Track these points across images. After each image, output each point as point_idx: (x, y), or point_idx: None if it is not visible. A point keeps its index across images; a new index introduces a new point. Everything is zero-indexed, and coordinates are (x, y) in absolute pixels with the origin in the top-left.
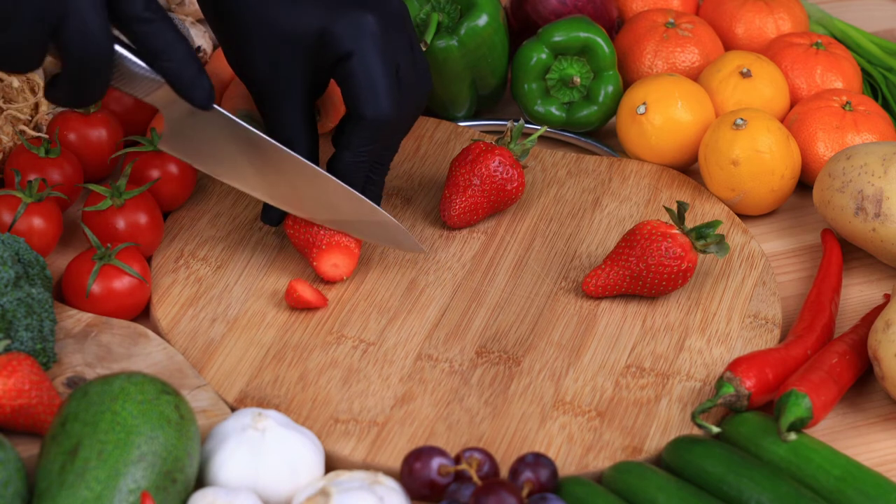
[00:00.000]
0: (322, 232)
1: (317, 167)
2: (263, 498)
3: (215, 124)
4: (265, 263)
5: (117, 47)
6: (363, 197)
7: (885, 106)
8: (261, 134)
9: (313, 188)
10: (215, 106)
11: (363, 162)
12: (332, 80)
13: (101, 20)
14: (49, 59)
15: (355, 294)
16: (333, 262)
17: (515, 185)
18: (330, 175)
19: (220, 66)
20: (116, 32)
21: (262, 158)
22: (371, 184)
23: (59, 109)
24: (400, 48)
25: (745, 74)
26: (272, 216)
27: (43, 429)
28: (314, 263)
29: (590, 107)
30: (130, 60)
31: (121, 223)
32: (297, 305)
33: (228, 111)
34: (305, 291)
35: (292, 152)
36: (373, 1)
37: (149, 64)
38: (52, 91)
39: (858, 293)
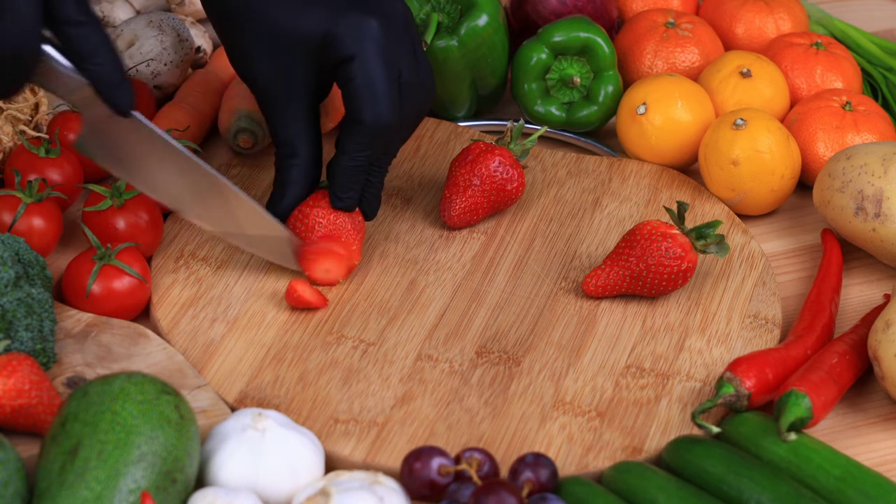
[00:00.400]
0: (318, 227)
1: (229, 183)
2: (263, 498)
3: (133, 131)
4: (265, 263)
5: (44, 46)
6: (267, 213)
7: (885, 106)
8: (176, 144)
9: (222, 202)
10: (134, 113)
11: (360, 166)
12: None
13: (33, 18)
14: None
15: (355, 294)
16: (325, 269)
17: (515, 185)
18: (241, 192)
19: (220, 66)
20: (46, 32)
21: (175, 168)
22: (369, 186)
23: (60, 109)
24: (402, 53)
25: (745, 74)
26: (276, 211)
27: (43, 429)
28: (307, 273)
29: (590, 107)
30: (56, 60)
31: (121, 223)
32: (297, 305)
33: (228, 111)
34: (305, 291)
35: (206, 165)
36: (376, 4)
37: (75, 65)
38: None
39: (858, 293)
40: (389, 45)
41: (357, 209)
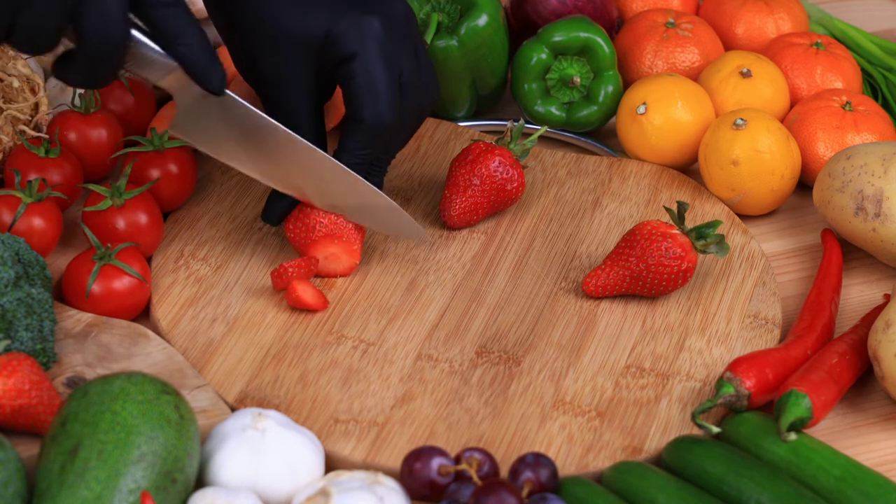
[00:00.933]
0: (319, 227)
1: (324, 153)
2: (263, 498)
3: (226, 109)
4: (265, 263)
5: (133, 31)
6: (368, 183)
7: (885, 106)
8: (270, 119)
9: (321, 173)
10: (227, 91)
11: (359, 164)
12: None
13: (119, 3)
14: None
15: (355, 294)
16: (331, 251)
17: (515, 185)
18: (337, 161)
19: None
20: (132, 16)
21: (271, 143)
22: (371, 178)
23: (60, 109)
24: (404, 53)
25: (745, 74)
26: (272, 215)
27: (43, 429)
28: (310, 254)
29: (590, 107)
30: (145, 44)
31: (121, 223)
32: (296, 306)
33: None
34: (305, 292)
35: (300, 137)
36: (377, 4)
37: (164, 48)
38: (64, 70)
39: (858, 293)
40: (390, 45)
41: None
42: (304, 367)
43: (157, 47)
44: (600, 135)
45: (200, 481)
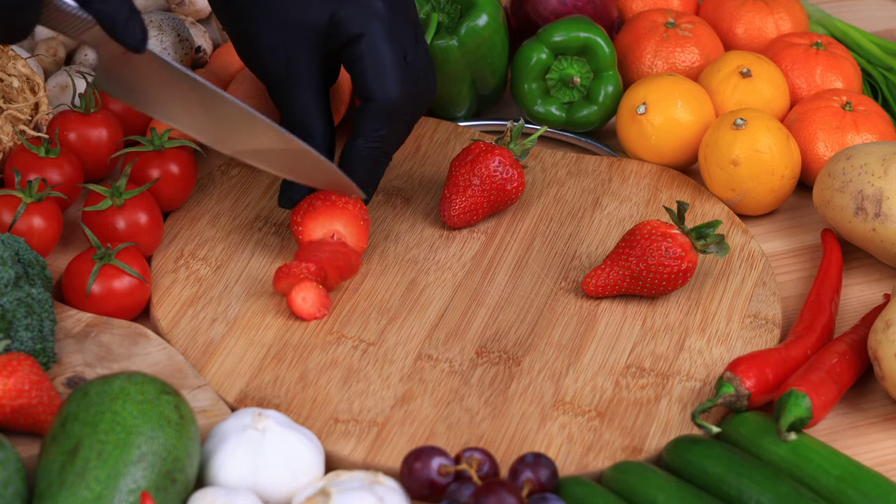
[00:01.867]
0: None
1: (245, 105)
2: (263, 498)
3: (148, 65)
4: (265, 263)
5: None
6: (290, 135)
7: (885, 106)
8: (191, 73)
9: (243, 126)
10: (149, 47)
11: (377, 147)
12: (340, 77)
13: None
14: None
15: (355, 294)
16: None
17: (515, 185)
18: (258, 114)
19: (220, 65)
20: None
21: (192, 97)
22: (374, 170)
23: (60, 109)
24: (406, 35)
25: (745, 74)
26: (288, 199)
27: (43, 429)
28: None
29: (590, 107)
30: (64, 1)
31: (121, 223)
32: (296, 314)
33: None
34: (304, 304)
35: (223, 92)
36: None
37: (82, 5)
38: None
39: (858, 293)
40: (394, 26)
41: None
42: (304, 367)
43: (72, 3)
44: (600, 135)
45: (200, 481)
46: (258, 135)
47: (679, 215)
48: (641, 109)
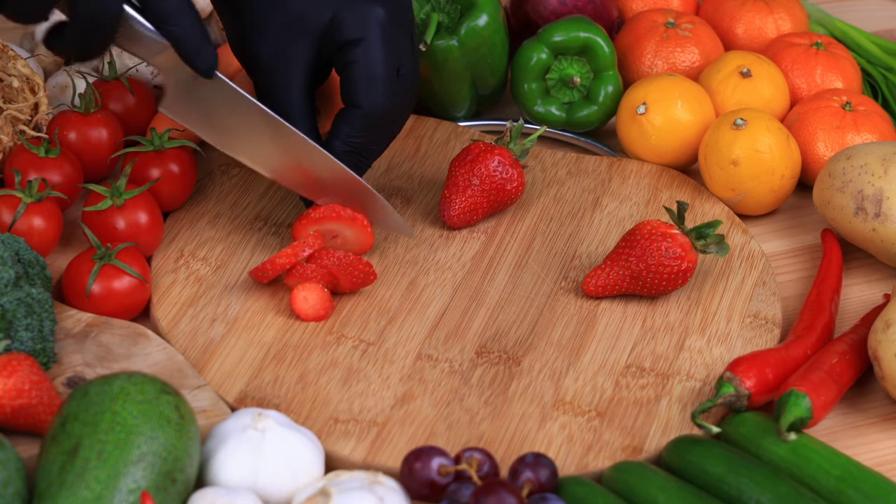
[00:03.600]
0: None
1: (314, 143)
2: (263, 498)
3: (217, 92)
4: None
5: (126, 7)
6: (352, 172)
7: (885, 106)
8: (260, 104)
9: (310, 163)
10: (218, 74)
11: (351, 152)
12: (330, 83)
13: None
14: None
15: (355, 294)
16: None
17: (515, 185)
18: (326, 151)
19: (220, 65)
20: None
21: (260, 128)
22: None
23: (60, 109)
24: (403, 45)
25: (745, 74)
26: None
27: (43, 429)
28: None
29: (590, 107)
30: (137, 21)
31: (121, 223)
32: (297, 314)
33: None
34: (304, 304)
35: (291, 126)
36: None
37: (156, 27)
38: (55, 41)
39: (858, 293)
40: (393, 35)
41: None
42: (304, 367)
43: (149, 25)
44: (600, 135)
45: (200, 481)
46: (321, 168)
47: (679, 215)
48: (641, 109)
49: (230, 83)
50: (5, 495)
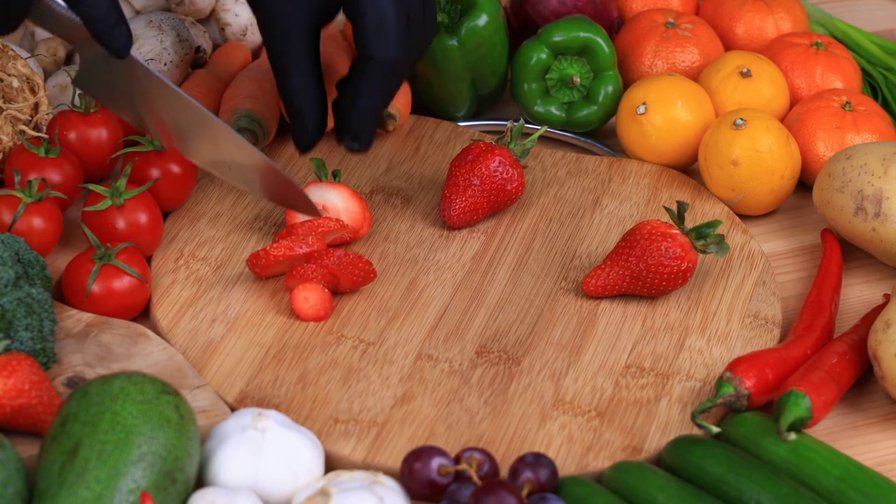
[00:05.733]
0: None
1: (217, 118)
2: (263, 498)
3: (129, 70)
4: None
5: None
6: (268, 159)
7: (885, 106)
8: (170, 83)
9: (212, 137)
10: (133, 54)
11: (378, 106)
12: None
13: None
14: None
15: (355, 294)
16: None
17: (515, 185)
18: (226, 125)
19: (220, 66)
20: None
21: (169, 106)
22: (374, 127)
23: (60, 109)
24: None
25: (745, 74)
26: (302, 142)
27: (43, 429)
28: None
29: (590, 107)
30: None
31: (121, 223)
32: (297, 314)
33: (228, 111)
34: (304, 304)
35: (198, 103)
36: None
37: (70, 6)
38: None
39: (858, 293)
40: None
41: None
42: (304, 367)
43: (62, 2)
44: (600, 135)
45: (200, 481)
46: (230, 149)
47: (679, 215)
48: (641, 109)
49: (143, 63)
50: (5, 495)
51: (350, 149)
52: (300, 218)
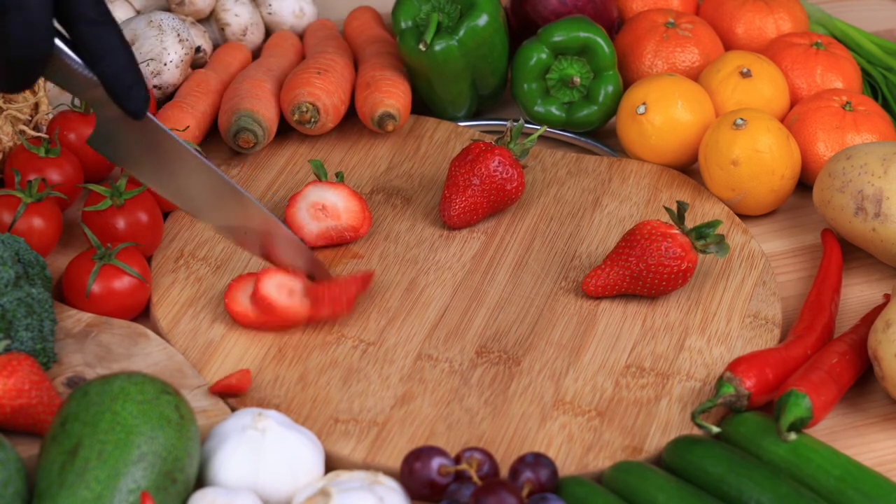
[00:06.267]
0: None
1: (238, 187)
2: (263, 498)
3: (146, 133)
4: (265, 263)
5: (58, 42)
6: (272, 215)
7: (885, 106)
8: (189, 147)
9: (232, 205)
10: (149, 115)
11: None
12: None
13: (45, 14)
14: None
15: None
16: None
17: (515, 185)
18: (248, 194)
19: (220, 66)
20: (60, 28)
21: (187, 171)
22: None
23: (60, 109)
24: None
25: (745, 74)
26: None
27: (43, 429)
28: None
29: (590, 107)
30: (69, 56)
31: (121, 223)
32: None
33: (228, 111)
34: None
35: (217, 169)
36: None
37: (88, 66)
38: None
39: (858, 293)
40: None
41: None
42: (304, 366)
43: (80, 62)
44: (600, 135)
45: (200, 481)
46: (245, 214)
47: (679, 215)
48: (641, 109)
49: (160, 124)
50: (5, 495)
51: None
52: (301, 218)
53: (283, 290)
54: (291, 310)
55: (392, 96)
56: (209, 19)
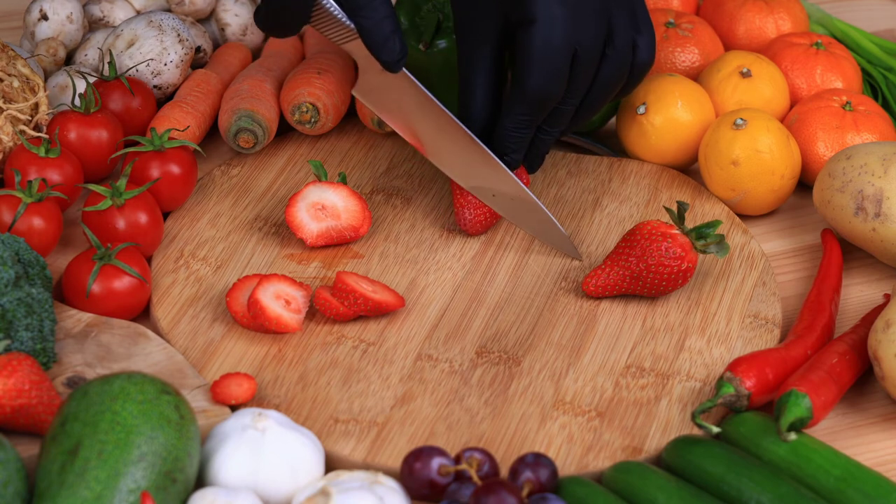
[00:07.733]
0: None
1: (480, 143)
2: (263, 498)
3: (402, 86)
4: (265, 263)
5: None
6: (527, 190)
7: (885, 106)
8: (438, 103)
9: (477, 161)
10: (405, 70)
11: (520, 129)
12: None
13: None
14: None
15: None
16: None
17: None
18: (492, 153)
19: (220, 66)
20: None
21: (437, 126)
22: (535, 145)
23: (60, 109)
24: (591, 24)
25: (745, 74)
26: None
27: (43, 429)
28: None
29: None
30: (332, 6)
31: (121, 223)
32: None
33: (228, 111)
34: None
35: (463, 126)
36: None
37: (348, 16)
38: (255, 15)
39: (858, 293)
40: (574, 15)
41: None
42: (304, 367)
43: (341, 12)
44: (600, 135)
45: (200, 481)
46: (496, 178)
47: (679, 215)
48: (641, 109)
49: (414, 79)
50: (5, 495)
51: (506, 164)
52: (300, 218)
53: (279, 298)
54: (282, 319)
55: None
56: (209, 19)
